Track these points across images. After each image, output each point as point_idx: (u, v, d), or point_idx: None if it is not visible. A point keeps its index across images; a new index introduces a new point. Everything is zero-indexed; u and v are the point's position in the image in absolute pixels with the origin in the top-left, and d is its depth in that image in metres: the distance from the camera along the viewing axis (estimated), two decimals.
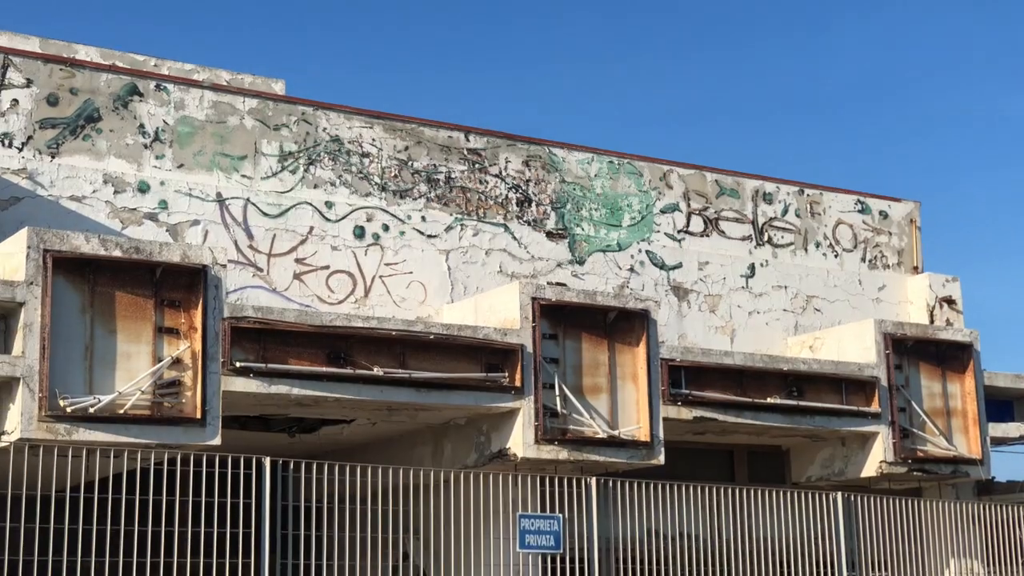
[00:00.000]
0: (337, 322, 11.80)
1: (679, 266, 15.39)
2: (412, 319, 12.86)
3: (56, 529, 10.02)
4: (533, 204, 14.58)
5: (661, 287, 15.13)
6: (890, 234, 17.03)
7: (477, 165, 14.30)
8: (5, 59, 12.12)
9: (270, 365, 11.35)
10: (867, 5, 46.61)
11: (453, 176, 14.13)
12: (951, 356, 15.21)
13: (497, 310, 12.74)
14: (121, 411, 10.41)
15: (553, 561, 12.23)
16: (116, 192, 12.35)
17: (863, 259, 16.78)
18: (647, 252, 15.19)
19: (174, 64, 20.81)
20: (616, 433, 12.64)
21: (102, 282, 10.64)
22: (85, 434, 10.27)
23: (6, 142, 11.93)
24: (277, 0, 45.94)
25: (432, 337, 12.12)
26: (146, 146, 12.61)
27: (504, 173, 14.44)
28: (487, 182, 14.32)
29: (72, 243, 10.59)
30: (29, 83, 12.13)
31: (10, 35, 19.64)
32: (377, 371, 11.79)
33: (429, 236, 13.87)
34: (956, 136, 47.27)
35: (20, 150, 11.98)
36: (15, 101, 12.03)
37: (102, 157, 12.36)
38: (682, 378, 13.51)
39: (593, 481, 12.24)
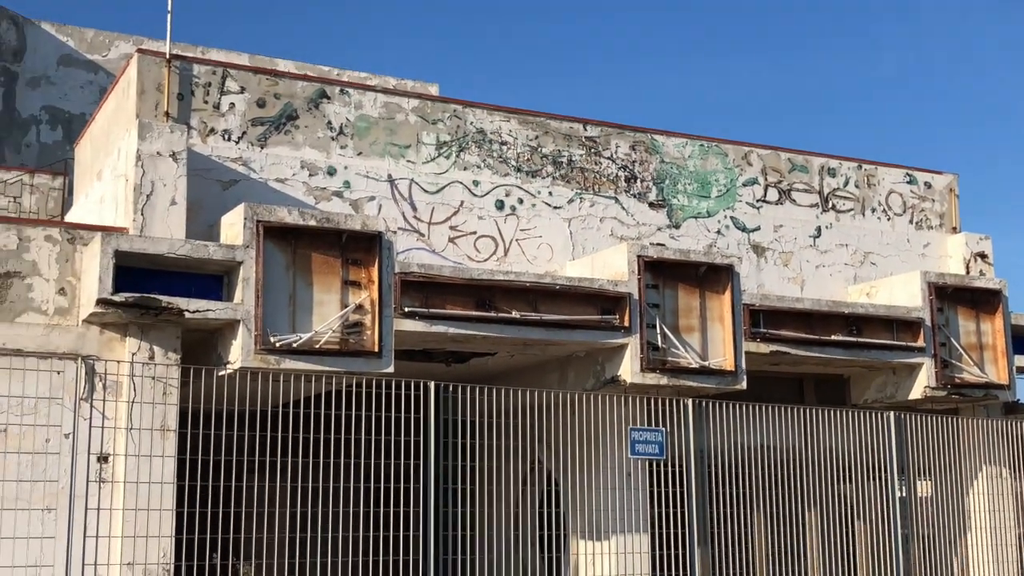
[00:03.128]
0: (483, 276, 11.90)
1: (757, 229, 15.22)
2: (542, 273, 12.91)
3: (271, 437, 10.34)
4: (638, 180, 14.52)
5: (743, 246, 14.99)
6: (933, 201, 16.62)
7: (593, 150, 14.27)
8: (224, 72, 12.32)
9: (431, 310, 11.47)
10: (901, 7, 45.14)
11: (574, 159, 14.12)
12: (983, 301, 14.84)
13: (609, 266, 12.74)
14: (317, 346, 10.63)
15: (657, 466, 12.27)
16: (310, 175, 12.50)
17: (911, 222, 16.40)
18: (731, 218, 15.05)
19: (352, 73, 21.15)
20: (706, 363, 12.59)
21: (301, 245, 10.85)
22: (290, 363, 10.52)
23: (226, 136, 12.13)
24: (433, 18, 46.04)
25: (558, 287, 12.17)
26: (332, 138, 12.74)
27: (615, 156, 14.40)
28: (601, 163, 14.29)
29: (278, 215, 10.83)
30: (242, 90, 12.31)
31: (227, 52, 20.17)
32: (515, 314, 11.86)
33: (555, 207, 13.89)
34: (991, 118, 45.76)
35: (237, 143, 12.19)
36: (232, 104, 12.22)
37: (299, 147, 12.53)
38: (760, 320, 13.39)
39: (689, 402, 12.22)
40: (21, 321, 10.27)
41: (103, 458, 10.01)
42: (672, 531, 11.99)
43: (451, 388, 10.85)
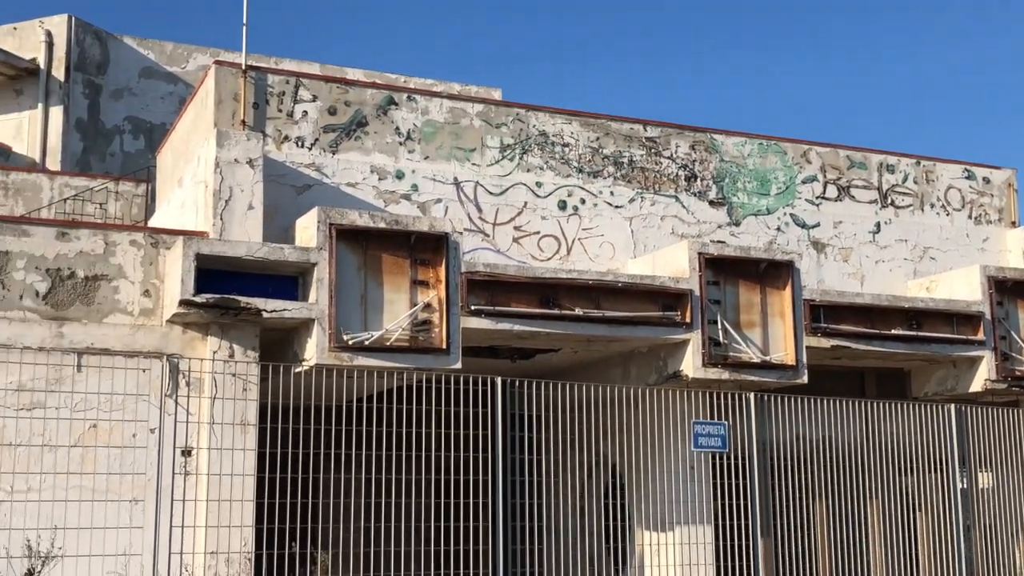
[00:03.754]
0: (547, 274, 11.95)
1: (817, 225, 15.10)
2: (604, 271, 12.93)
3: (345, 431, 10.50)
4: (698, 179, 14.48)
5: (803, 242, 14.88)
6: (991, 196, 16.35)
7: (653, 150, 14.26)
8: (297, 81, 12.52)
9: (497, 308, 11.53)
10: (958, 4, 44.32)
11: (634, 159, 14.13)
12: None
13: (670, 263, 12.72)
14: (387, 343, 10.77)
15: (719, 458, 12.24)
16: (380, 179, 12.64)
17: (969, 216, 16.15)
18: (791, 215, 14.95)
19: (418, 80, 21.34)
20: (768, 358, 12.52)
21: (371, 247, 10.99)
22: (362, 360, 10.67)
23: (300, 143, 12.33)
24: (495, 25, 46.20)
25: (620, 285, 12.19)
26: (401, 143, 12.88)
27: (675, 155, 14.37)
28: (661, 163, 14.28)
29: (349, 218, 10.99)
30: (315, 98, 12.49)
31: (299, 63, 20.48)
32: (578, 311, 11.88)
33: (616, 207, 13.90)
34: None
35: (310, 149, 12.38)
36: (305, 112, 12.42)
37: (369, 153, 12.68)
38: (821, 315, 13.29)
39: (752, 396, 12.17)
40: (108, 322, 10.56)
41: (187, 452, 10.26)
42: (735, 522, 11.95)
43: (517, 383, 10.92)
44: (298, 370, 10.75)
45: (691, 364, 12.23)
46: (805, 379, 12.72)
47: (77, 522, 9.66)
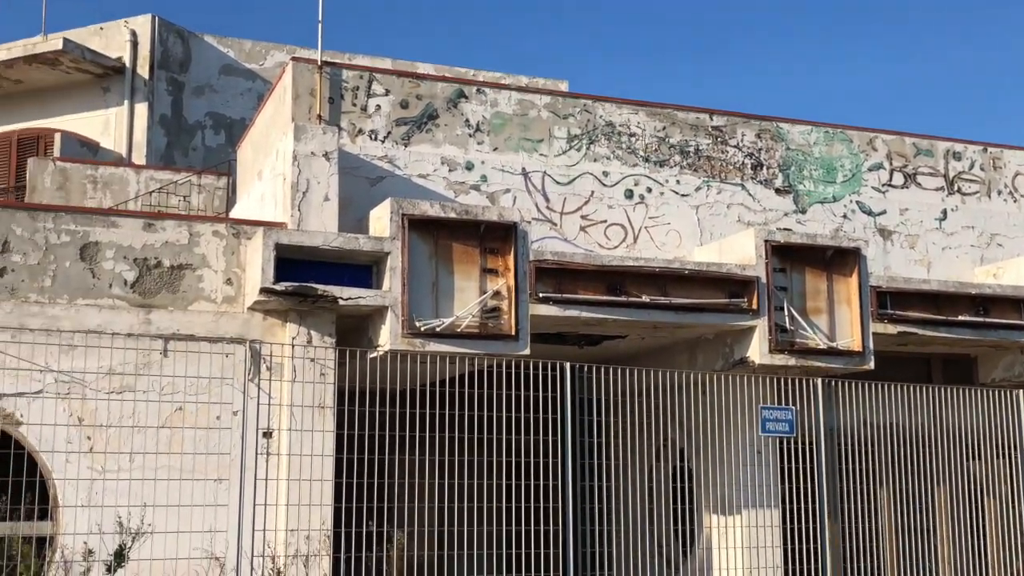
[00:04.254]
0: (614, 262, 11.97)
1: (883, 212, 14.92)
2: (671, 259, 12.92)
3: (419, 414, 10.66)
4: (764, 167, 14.39)
5: (869, 230, 14.71)
6: None
7: (719, 139, 14.20)
8: (371, 76, 12.69)
9: (564, 295, 11.57)
10: None
11: (700, 148, 14.08)
12: None
13: (737, 251, 12.68)
14: (458, 329, 10.88)
15: (785, 443, 12.19)
16: (450, 170, 12.77)
17: None
18: (857, 202, 14.79)
19: (487, 73, 21.45)
20: (834, 344, 12.42)
21: (442, 236, 11.11)
22: (434, 346, 10.81)
23: (373, 136, 12.50)
24: (563, 17, 46.16)
25: (687, 272, 12.17)
26: (470, 135, 12.98)
27: (741, 144, 14.29)
28: (727, 151, 14.21)
29: (421, 208, 11.13)
30: (387, 92, 12.65)
31: (371, 58, 20.73)
32: (645, 298, 11.89)
33: (682, 195, 13.87)
34: None
35: (383, 142, 12.54)
36: (378, 106, 12.58)
37: (439, 145, 12.80)
38: (887, 301, 13.13)
39: (819, 381, 12.11)
40: (193, 309, 10.83)
41: (268, 433, 10.49)
42: (802, 506, 11.90)
43: (586, 368, 10.96)
44: (373, 355, 10.93)
45: (758, 350, 12.18)
46: (872, 365, 12.60)
47: (165, 500, 9.94)
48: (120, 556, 9.01)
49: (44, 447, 10.00)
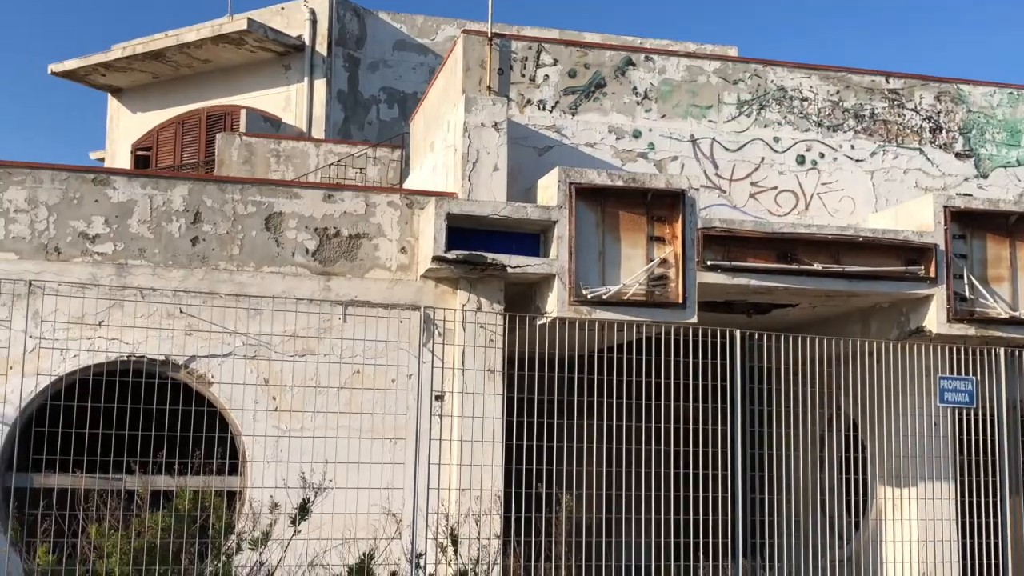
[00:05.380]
0: (784, 229, 11.71)
1: None
2: (844, 225, 12.53)
3: (586, 379, 10.71)
4: (943, 131, 13.75)
5: None
6: None
7: (895, 102, 13.64)
8: (539, 46, 12.72)
9: (733, 263, 11.40)
10: None
11: (876, 112, 13.56)
12: None
13: (914, 217, 12.20)
14: (625, 297, 10.85)
15: (963, 414, 11.73)
16: (617, 139, 12.70)
17: None
18: None
19: (653, 41, 21.19)
20: (1017, 314, 11.82)
21: (609, 204, 11.09)
22: (600, 314, 10.81)
23: (541, 106, 12.54)
24: None
25: (861, 239, 11.80)
26: (638, 103, 12.88)
27: (918, 107, 13.69)
28: (904, 115, 13.64)
29: (588, 177, 11.13)
30: (555, 62, 12.66)
31: (539, 29, 20.76)
32: (817, 266, 11.62)
33: (857, 160, 13.42)
34: None
35: (551, 112, 12.57)
36: (546, 76, 12.61)
37: (607, 113, 12.75)
38: None
39: (1001, 351, 11.58)
40: (369, 276, 11.16)
41: (440, 396, 10.75)
42: (980, 479, 11.42)
43: (756, 336, 10.80)
44: (540, 322, 11.03)
45: (935, 320, 11.72)
46: None
47: (346, 457, 10.34)
48: (304, 509, 9.42)
49: (234, 406, 10.54)
